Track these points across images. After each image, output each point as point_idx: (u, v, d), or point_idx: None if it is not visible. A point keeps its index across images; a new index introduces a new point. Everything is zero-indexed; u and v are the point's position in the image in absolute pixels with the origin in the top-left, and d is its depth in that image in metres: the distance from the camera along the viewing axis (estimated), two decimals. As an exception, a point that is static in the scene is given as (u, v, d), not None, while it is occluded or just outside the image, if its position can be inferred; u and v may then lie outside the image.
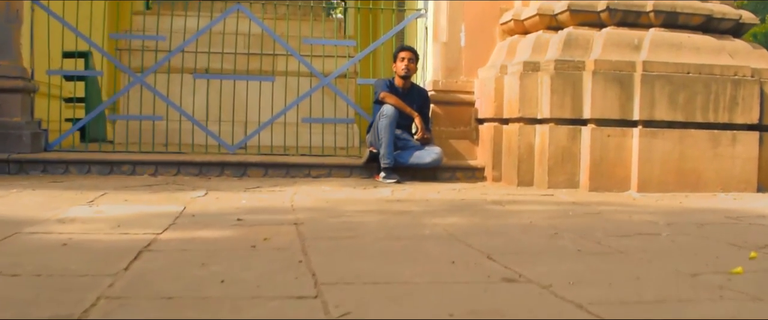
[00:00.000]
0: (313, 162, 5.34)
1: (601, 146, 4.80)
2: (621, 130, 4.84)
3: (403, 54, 5.43)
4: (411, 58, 5.43)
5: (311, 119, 5.90)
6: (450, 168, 5.50)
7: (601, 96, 4.80)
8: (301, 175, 5.29)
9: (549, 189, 4.87)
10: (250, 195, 4.20)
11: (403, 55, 5.43)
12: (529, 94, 5.05)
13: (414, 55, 5.47)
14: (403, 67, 5.40)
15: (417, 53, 5.53)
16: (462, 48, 5.76)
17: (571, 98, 4.88)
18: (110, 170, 5.09)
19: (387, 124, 5.19)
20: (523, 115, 5.07)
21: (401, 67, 5.42)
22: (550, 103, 4.87)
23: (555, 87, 4.86)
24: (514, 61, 5.36)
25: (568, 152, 4.91)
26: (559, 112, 4.88)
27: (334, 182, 5.06)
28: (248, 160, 5.25)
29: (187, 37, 5.96)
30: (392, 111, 5.21)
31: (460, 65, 5.77)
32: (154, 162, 5.13)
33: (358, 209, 3.73)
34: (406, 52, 5.44)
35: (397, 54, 5.49)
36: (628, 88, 4.82)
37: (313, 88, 5.94)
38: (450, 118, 5.76)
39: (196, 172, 5.17)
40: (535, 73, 5.05)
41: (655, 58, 4.88)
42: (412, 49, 5.51)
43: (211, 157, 5.27)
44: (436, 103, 5.75)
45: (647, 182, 4.79)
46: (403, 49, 5.51)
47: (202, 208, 3.59)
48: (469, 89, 5.77)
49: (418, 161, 5.30)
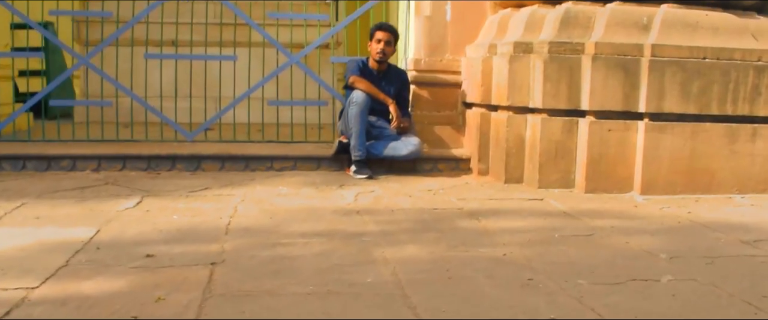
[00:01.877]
0: (277, 153, 4.75)
1: (601, 141, 4.18)
2: (624, 123, 4.20)
3: (379, 34, 4.78)
4: (388, 40, 4.77)
5: (278, 102, 5.29)
6: (431, 159, 4.90)
7: (602, 84, 4.15)
8: (262, 168, 4.71)
9: (540, 188, 4.27)
10: (187, 205, 3.63)
11: (380, 35, 4.77)
12: (520, 79, 4.40)
13: (392, 35, 4.81)
14: (378, 51, 4.75)
15: (396, 33, 4.87)
16: (448, 22, 5.09)
17: (567, 86, 4.24)
18: (48, 166, 4.54)
19: (357, 113, 4.58)
20: (513, 104, 4.44)
21: (376, 49, 4.77)
22: (542, 91, 4.23)
23: (549, 73, 4.21)
24: (504, 40, 4.70)
25: (562, 147, 4.29)
26: (553, 101, 4.25)
27: (296, 179, 4.48)
28: (202, 153, 4.67)
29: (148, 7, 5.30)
30: (363, 98, 4.59)
31: (446, 42, 5.11)
32: (98, 156, 4.56)
33: (304, 230, 3.16)
34: (384, 32, 4.78)
35: (373, 33, 4.83)
36: (633, 76, 4.17)
37: (280, 67, 5.30)
38: (433, 101, 5.13)
39: (144, 167, 4.61)
40: (527, 56, 4.40)
41: (666, 41, 4.20)
42: (390, 29, 4.85)
43: (161, 149, 4.69)
44: (418, 84, 5.12)
45: (652, 183, 4.18)
46: (380, 27, 4.84)
47: (117, 233, 3.03)
48: (456, 69, 5.13)
49: (394, 153, 4.70)
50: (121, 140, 5.03)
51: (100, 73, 5.07)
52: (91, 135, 5.04)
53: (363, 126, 4.59)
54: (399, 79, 4.93)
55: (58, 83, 5.13)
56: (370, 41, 4.83)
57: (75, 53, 5.12)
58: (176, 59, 5.26)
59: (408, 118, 4.93)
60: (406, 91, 4.99)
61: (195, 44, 5.86)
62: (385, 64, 4.85)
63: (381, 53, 4.75)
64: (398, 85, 4.92)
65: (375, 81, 4.80)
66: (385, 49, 4.75)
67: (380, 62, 4.80)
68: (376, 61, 4.79)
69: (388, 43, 4.76)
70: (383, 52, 4.75)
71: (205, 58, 5.27)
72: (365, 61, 4.85)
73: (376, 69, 4.84)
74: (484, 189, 4.31)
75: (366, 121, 4.63)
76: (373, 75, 4.82)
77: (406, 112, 4.98)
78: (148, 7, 5.24)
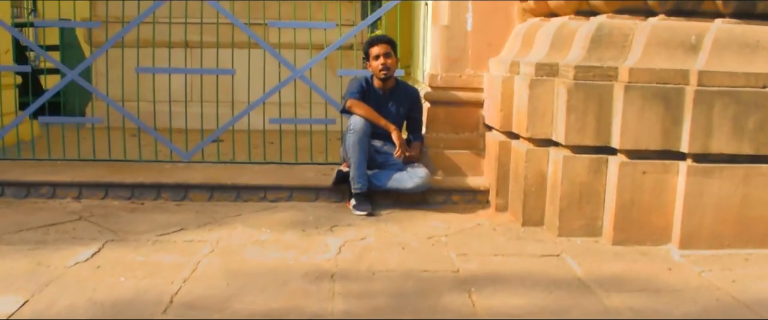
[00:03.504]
0: (270, 182, 4.30)
1: (634, 185, 3.55)
2: (662, 164, 3.55)
3: (375, 49, 4.23)
4: (386, 52, 4.22)
5: (281, 120, 4.82)
6: (445, 190, 4.36)
7: (637, 118, 3.51)
8: (255, 199, 4.28)
9: (560, 237, 3.69)
10: (147, 258, 3.24)
11: (377, 50, 4.22)
12: (542, 107, 3.80)
13: (389, 45, 4.26)
14: (380, 66, 4.21)
15: (393, 41, 4.32)
16: (468, 33, 4.49)
17: (596, 119, 3.61)
18: (27, 193, 4.24)
19: (355, 141, 4.07)
20: (533, 135, 3.85)
21: (377, 66, 4.23)
22: (565, 124, 3.62)
23: (574, 103, 3.59)
24: (528, 57, 4.08)
25: (588, 190, 3.68)
26: (578, 136, 3.63)
27: (287, 215, 4.03)
28: (189, 182, 4.27)
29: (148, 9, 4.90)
30: (361, 124, 4.08)
31: (466, 55, 4.52)
32: (79, 184, 4.23)
33: (256, 306, 2.71)
34: (378, 46, 4.23)
35: (367, 52, 4.29)
36: (675, 108, 3.51)
37: (282, 82, 4.83)
38: (451, 122, 4.57)
39: (128, 196, 4.25)
40: (551, 80, 3.78)
41: (718, 66, 3.51)
42: (384, 39, 4.29)
43: (145, 177, 4.32)
44: (434, 103, 4.56)
45: (694, 235, 3.53)
46: (371, 43, 4.28)
47: (44, 307, 2.66)
48: (477, 85, 4.54)
49: (399, 186, 4.18)
50: (114, 160, 4.70)
51: (90, 87, 4.72)
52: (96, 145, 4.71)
53: (363, 155, 4.09)
54: (409, 98, 4.38)
55: (47, 98, 4.79)
56: (367, 61, 4.30)
57: (63, 67, 4.76)
58: (170, 73, 4.82)
59: (419, 142, 4.40)
60: (418, 111, 4.44)
61: (206, 45, 5.45)
62: (392, 79, 4.32)
63: (384, 69, 4.21)
64: (408, 104, 4.38)
65: (381, 102, 4.28)
66: (386, 62, 4.21)
67: (385, 79, 4.26)
68: (381, 78, 4.26)
69: (387, 56, 4.22)
70: (386, 66, 4.21)
71: (201, 71, 4.85)
72: (369, 78, 4.33)
73: (382, 87, 4.31)
74: (495, 237, 3.75)
75: (367, 149, 4.12)
76: (378, 95, 4.30)
77: (417, 135, 4.44)
78: (148, 9, 4.83)
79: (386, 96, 4.31)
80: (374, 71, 4.24)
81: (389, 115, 4.28)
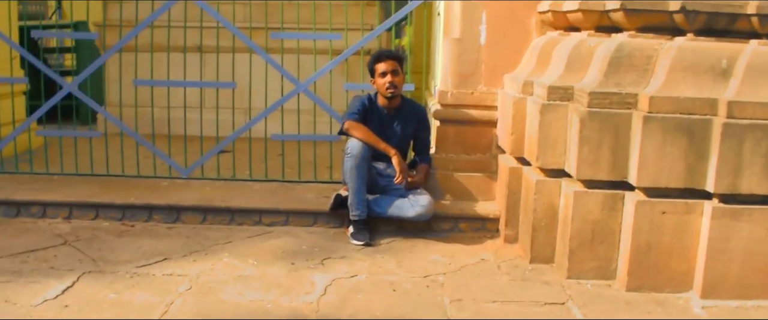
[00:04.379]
0: (266, 206, 4.08)
1: (652, 226, 3.20)
2: (684, 203, 3.20)
3: (381, 66, 3.93)
4: (394, 69, 3.92)
5: (282, 136, 4.58)
6: (452, 218, 4.06)
7: (657, 152, 3.15)
8: (249, 222, 4.06)
9: (570, 278, 3.37)
10: (120, 296, 3.05)
11: (383, 67, 3.93)
12: (553, 135, 3.47)
13: (397, 61, 3.95)
14: (386, 84, 3.92)
15: (401, 58, 4.02)
16: (481, 46, 4.17)
17: (611, 151, 3.27)
18: (17, 212, 4.11)
19: (353, 166, 3.81)
20: (544, 165, 3.52)
21: (383, 84, 3.93)
22: (577, 156, 3.29)
23: (587, 133, 3.26)
24: (542, 77, 3.75)
25: (602, 229, 3.34)
26: (592, 170, 3.30)
27: (279, 243, 3.80)
28: (182, 203, 4.07)
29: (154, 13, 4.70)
30: (359, 148, 3.80)
31: (479, 70, 4.20)
32: (69, 204, 4.08)
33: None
34: (386, 62, 3.92)
35: (372, 68, 4.00)
36: (700, 142, 3.14)
37: (285, 96, 4.59)
38: (462, 142, 4.26)
39: (119, 217, 4.08)
40: (564, 106, 3.45)
41: (751, 96, 3.12)
42: (391, 55, 3.99)
43: (137, 197, 4.13)
44: (444, 121, 4.26)
45: (718, 283, 3.17)
46: (378, 58, 3.97)
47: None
48: (490, 103, 4.21)
49: (400, 213, 3.91)
50: (111, 175, 4.55)
51: (87, 100, 4.56)
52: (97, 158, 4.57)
53: (361, 181, 3.83)
54: (415, 118, 4.09)
55: (43, 111, 4.63)
56: (372, 78, 4.02)
57: (61, 80, 4.60)
58: (168, 86, 4.63)
59: (425, 165, 4.12)
60: (425, 131, 4.15)
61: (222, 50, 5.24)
62: (398, 98, 4.03)
63: (391, 88, 3.92)
64: (414, 124, 4.09)
65: (384, 122, 4.01)
66: (394, 80, 3.91)
67: (392, 98, 3.98)
68: (387, 97, 3.97)
69: (395, 73, 3.92)
70: (393, 85, 3.92)
71: (200, 85, 4.65)
72: (373, 97, 4.05)
73: (387, 106, 4.03)
74: (498, 277, 3.45)
75: (366, 174, 3.86)
76: (382, 114, 4.02)
77: (424, 156, 4.15)
78: (150, 16, 4.63)
79: (391, 115, 4.03)
80: (380, 89, 3.96)
81: (393, 135, 4.00)
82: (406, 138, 4.08)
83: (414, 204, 3.86)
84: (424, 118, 4.14)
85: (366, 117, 3.94)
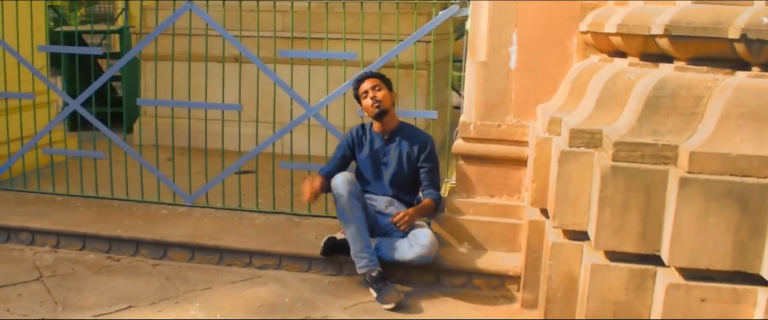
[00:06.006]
0: (258, 248, 3.66)
1: (687, 314, 2.51)
2: (731, 290, 2.48)
3: (364, 86, 3.58)
4: (375, 85, 3.54)
5: (291, 164, 4.15)
6: (465, 272, 3.48)
7: (698, 224, 2.45)
8: (239, 264, 3.66)
9: (585, 368, 2.73)
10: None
11: (365, 86, 3.57)
12: (575, 189, 2.83)
13: (378, 79, 3.57)
14: (370, 101, 3.53)
15: (383, 76, 3.61)
16: (511, 71, 3.55)
17: (641, 216, 2.59)
18: (7, 237, 3.94)
19: (343, 208, 3.33)
20: (562, 225, 2.89)
21: (368, 104, 3.55)
22: (598, 220, 2.64)
23: (610, 193, 2.60)
24: (573, 112, 3.10)
25: (625, 310, 2.67)
26: (615, 239, 2.63)
27: (262, 292, 3.38)
28: (168, 240, 3.73)
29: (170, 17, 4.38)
30: (344, 185, 3.34)
31: (508, 99, 3.58)
32: (57, 232, 3.86)
33: None
34: (365, 81, 3.58)
35: (356, 92, 3.63)
36: (756, 214, 2.41)
37: (294, 121, 4.16)
38: (485, 182, 3.66)
39: (105, 249, 3.80)
40: (588, 154, 2.80)
41: (828, 156, 2.36)
42: (370, 74, 3.61)
43: (123, 230, 3.83)
44: (467, 158, 3.67)
45: None
46: (360, 80, 3.61)
47: None
48: (521, 138, 3.59)
49: (400, 257, 3.38)
50: (115, 199, 4.30)
51: (91, 118, 4.31)
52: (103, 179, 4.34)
53: (360, 224, 3.34)
54: (416, 143, 3.58)
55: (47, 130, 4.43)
56: (360, 104, 3.59)
57: (65, 95, 4.39)
58: (172, 107, 4.31)
59: (431, 200, 3.55)
60: (430, 160, 3.59)
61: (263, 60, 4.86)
62: (392, 119, 3.61)
63: (375, 102, 3.51)
64: (415, 152, 3.56)
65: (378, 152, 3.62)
66: (376, 96, 3.52)
67: (379, 116, 3.53)
68: (374, 116, 3.55)
69: (376, 88, 3.54)
70: (375, 99, 3.51)
71: (206, 106, 4.28)
72: (368, 125, 3.65)
73: (381, 130, 3.60)
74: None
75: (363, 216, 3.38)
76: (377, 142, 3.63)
77: (430, 190, 3.61)
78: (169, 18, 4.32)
79: (387, 139, 3.57)
80: (367, 111, 3.58)
81: (389, 163, 3.55)
82: (404, 168, 3.55)
83: (413, 244, 3.33)
84: (428, 144, 3.58)
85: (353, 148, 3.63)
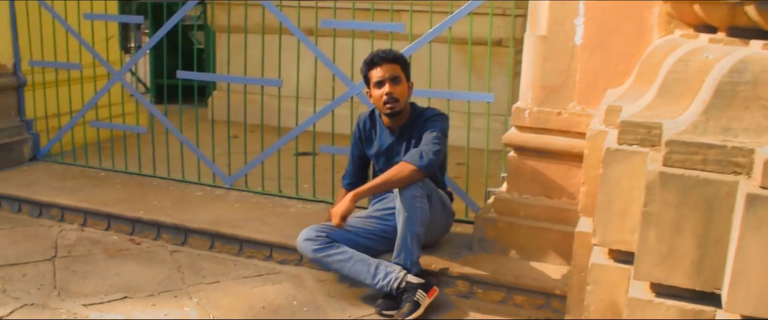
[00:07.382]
0: (278, 241, 3.30)
1: (755, 380, 1.86)
2: (817, 352, 1.80)
3: (376, 73, 2.95)
4: (393, 75, 2.93)
5: (332, 148, 3.75)
6: (504, 286, 2.93)
7: (772, 257, 1.79)
8: (259, 257, 3.34)
9: None
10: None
11: (378, 74, 2.94)
12: (622, 198, 2.21)
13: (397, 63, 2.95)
14: (383, 97, 2.94)
15: (403, 59, 2.99)
16: (576, 48, 2.91)
17: (697, 243, 1.95)
18: (40, 212, 3.88)
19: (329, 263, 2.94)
20: (604, 243, 2.29)
21: (379, 97, 2.96)
22: (642, 242, 2.02)
23: (657, 209, 1.97)
24: (636, 101, 2.46)
25: (675, 362, 2.05)
26: (662, 270, 2.01)
27: (271, 291, 3.02)
28: (189, 226, 3.46)
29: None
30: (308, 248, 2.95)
31: (571, 81, 2.95)
32: (84, 211, 3.72)
33: None
34: (383, 67, 2.93)
35: (366, 76, 3.01)
36: None
37: (336, 100, 3.75)
38: (541, 180, 3.07)
39: (129, 230, 3.62)
40: (642, 154, 2.17)
41: None
42: (388, 57, 2.94)
43: (145, 213, 3.61)
44: (520, 150, 3.10)
45: None
46: (373, 62, 2.95)
47: None
48: (585, 129, 2.95)
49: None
50: (156, 176, 4.14)
51: (131, 88, 4.16)
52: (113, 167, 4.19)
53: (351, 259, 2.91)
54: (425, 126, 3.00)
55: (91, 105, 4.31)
56: (368, 88, 3.04)
57: (109, 67, 4.24)
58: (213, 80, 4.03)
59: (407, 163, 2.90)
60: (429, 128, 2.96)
61: (339, 34, 4.50)
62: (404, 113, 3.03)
63: (390, 101, 2.93)
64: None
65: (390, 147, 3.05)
66: (392, 91, 2.92)
67: (393, 114, 2.99)
68: (388, 114, 3.00)
69: (395, 81, 2.93)
70: (391, 97, 2.93)
71: (245, 81, 3.98)
72: (378, 116, 3.12)
73: (390, 125, 3.06)
74: None
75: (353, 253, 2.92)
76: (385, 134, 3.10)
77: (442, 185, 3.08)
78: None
79: (399, 136, 3.06)
80: (376, 104, 3.01)
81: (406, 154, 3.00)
82: None
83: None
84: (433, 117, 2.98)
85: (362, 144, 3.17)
